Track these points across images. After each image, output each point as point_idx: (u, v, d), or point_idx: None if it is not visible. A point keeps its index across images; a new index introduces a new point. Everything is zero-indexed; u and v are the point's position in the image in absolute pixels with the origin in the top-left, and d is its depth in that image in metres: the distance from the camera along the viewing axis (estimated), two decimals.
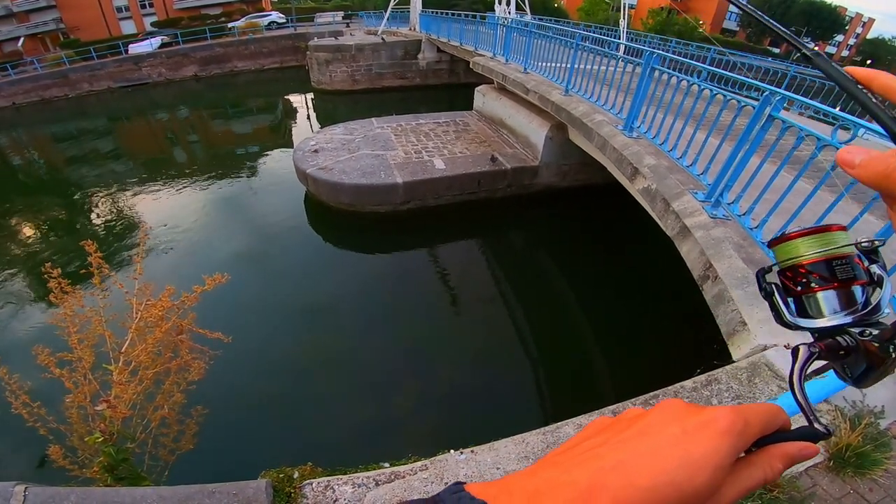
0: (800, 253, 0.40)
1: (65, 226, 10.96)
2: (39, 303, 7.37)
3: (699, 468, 0.28)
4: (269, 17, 29.55)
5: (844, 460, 2.14)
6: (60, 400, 2.84)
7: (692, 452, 0.29)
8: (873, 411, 2.30)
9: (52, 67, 22.09)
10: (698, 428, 0.30)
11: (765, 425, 0.33)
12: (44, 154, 17.11)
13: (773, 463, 0.33)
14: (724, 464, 0.29)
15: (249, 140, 16.91)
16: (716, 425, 0.31)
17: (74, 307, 2.68)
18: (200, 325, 3.15)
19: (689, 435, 0.30)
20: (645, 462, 0.29)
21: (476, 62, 12.35)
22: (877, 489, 2.11)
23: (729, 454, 0.30)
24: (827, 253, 0.39)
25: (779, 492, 1.93)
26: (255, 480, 2.18)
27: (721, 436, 0.30)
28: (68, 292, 2.61)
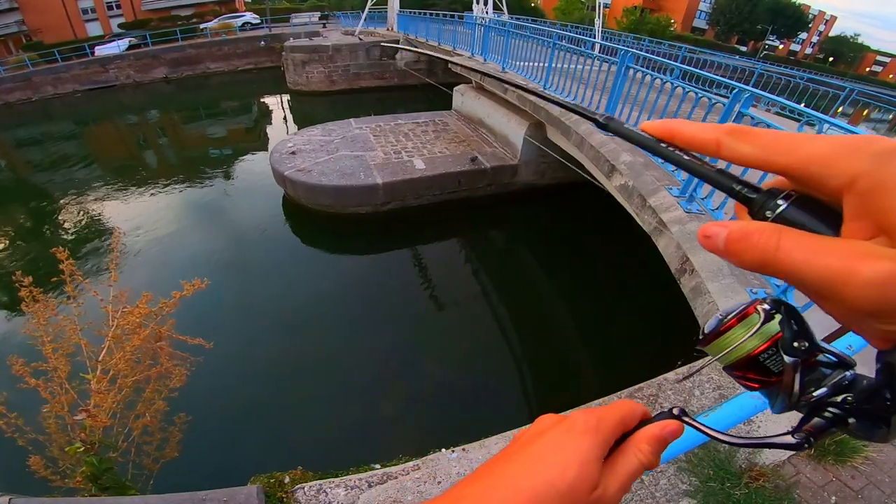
0: (739, 341, 0.34)
1: (33, 233, 10.55)
2: (12, 312, 7.09)
3: (567, 465, 0.32)
4: (243, 18, 28.99)
5: (825, 448, 2.19)
6: (38, 410, 2.77)
7: (559, 454, 0.33)
8: None
9: (15, 70, 21.22)
10: (562, 433, 0.35)
11: (621, 419, 0.37)
12: (8, 159, 16.43)
13: (639, 446, 0.36)
14: (589, 458, 0.33)
15: (224, 143, 16.57)
16: (573, 427, 0.35)
17: (48, 316, 2.60)
18: (180, 331, 3.08)
19: (556, 440, 0.34)
20: (525, 469, 0.32)
21: (454, 62, 12.38)
22: (858, 476, 2.16)
23: (590, 449, 0.33)
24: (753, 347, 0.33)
25: (764, 480, 1.98)
26: (246, 486, 2.15)
27: (580, 435, 0.34)
28: (40, 301, 2.53)
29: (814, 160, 0.24)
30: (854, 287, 0.21)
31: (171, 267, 7.97)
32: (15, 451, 2.72)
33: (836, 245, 0.23)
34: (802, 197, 0.26)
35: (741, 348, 0.33)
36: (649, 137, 0.31)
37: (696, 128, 0.29)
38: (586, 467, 0.32)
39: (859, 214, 0.23)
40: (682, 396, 2.57)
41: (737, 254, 0.25)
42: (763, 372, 0.34)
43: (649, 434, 0.36)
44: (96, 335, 2.83)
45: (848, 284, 0.21)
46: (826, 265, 0.22)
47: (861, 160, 0.22)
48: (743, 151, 0.26)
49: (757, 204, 0.27)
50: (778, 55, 51.81)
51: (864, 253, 0.22)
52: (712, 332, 0.34)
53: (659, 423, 0.37)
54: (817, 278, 0.22)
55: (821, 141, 0.24)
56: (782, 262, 0.24)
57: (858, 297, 0.21)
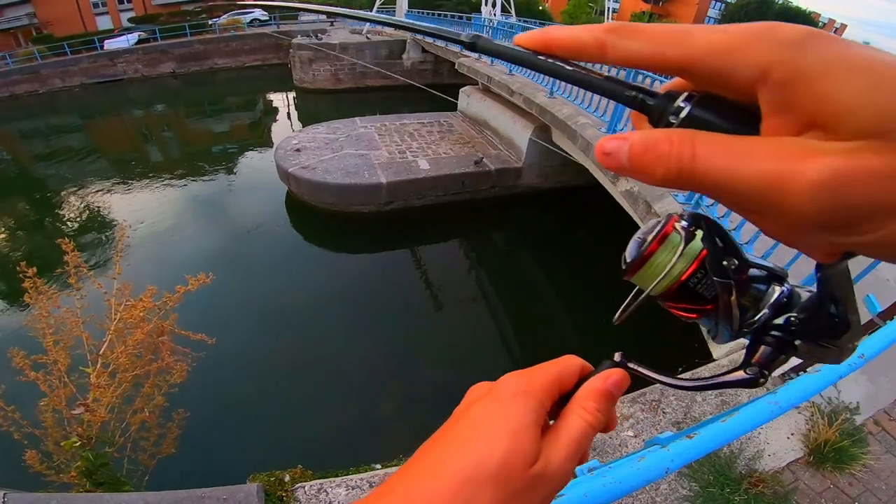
0: (665, 267, 0.30)
1: (37, 225, 10.60)
2: (13, 304, 7.11)
3: (495, 439, 0.27)
4: (252, 14, 29.05)
5: (823, 455, 2.20)
6: (35, 404, 2.75)
7: (486, 426, 0.28)
8: (848, 407, 2.37)
9: (23, 63, 21.30)
10: (488, 402, 0.30)
11: (555, 377, 0.32)
12: (12, 150, 16.49)
13: (583, 404, 0.31)
14: (520, 426, 0.28)
15: (229, 139, 16.61)
16: (500, 393, 0.30)
17: (49, 308, 2.60)
18: (181, 326, 3.07)
19: (482, 411, 0.30)
20: (450, 451, 0.28)
21: (462, 63, 12.39)
22: (856, 483, 2.17)
23: (521, 415, 0.29)
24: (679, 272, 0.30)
25: (763, 486, 1.97)
26: (246, 484, 2.14)
27: (508, 401, 0.30)
28: (43, 292, 2.52)
29: (714, 51, 0.20)
30: (799, 193, 0.17)
31: (172, 261, 7.98)
32: (8, 445, 2.71)
33: (767, 145, 0.19)
34: (707, 96, 0.22)
35: (669, 275, 0.29)
36: (525, 51, 0.26)
37: (573, 31, 0.24)
38: (518, 437, 0.27)
39: (780, 109, 0.19)
40: (684, 403, 2.55)
41: (645, 169, 0.21)
42: (696, 299, 0.30)
43: (591, 389, 0.31)
44: (98, 328, 2.82)
45: (790, 191, 0.18)
46: (759, 170, 0.18)
47: (771, 48, 0.19)
48: (631, 49, 0.22)
49: (657, 110, 0.23)
50: None
51: (804, 151, 0.18)
52: (635, 259, 0.31)
53: (600, 375, 0.32)
54: (749, 187, 0.19)
55: (718, 30, 0.20)
56: (702, 171, 0.20)
57: (805, 205, 0.18)
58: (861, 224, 0.18)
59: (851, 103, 0.17)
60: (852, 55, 0.18)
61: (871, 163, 0.17)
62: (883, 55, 0.18)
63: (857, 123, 0.17)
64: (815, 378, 1.19)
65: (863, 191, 0.17)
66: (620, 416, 2.42)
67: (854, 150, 0.17)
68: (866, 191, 0.17)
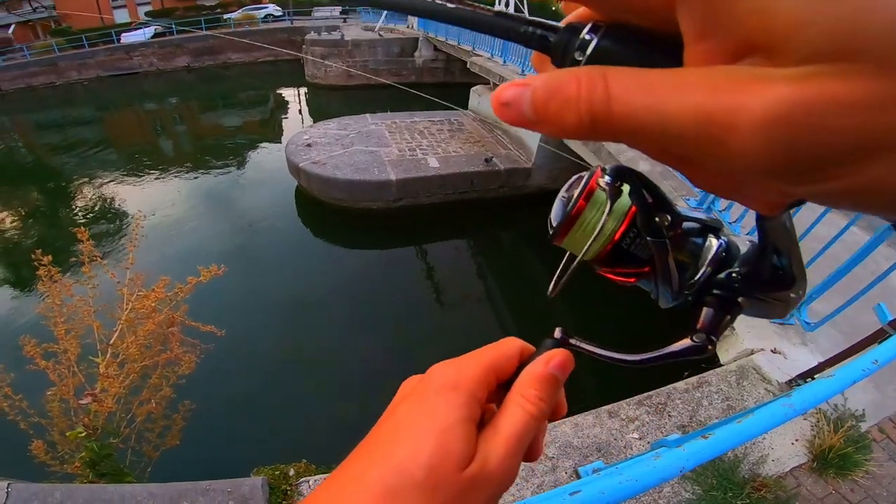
0: (594, 228, 0.28)
1: (50, 214, 10.76)
2: (26, 292, 7.23)
3: (419, 441, 0.24)
4: (266, 10, 29.22)
5: (827, 461, 2.20)
6: (41, 393, 2.76)
7: (411, 427, 0.25)
8: (854, 414, 2.37)
9: (41, 55, 21.63)
10: (415, 398, 0.27)
11: (489, 365, 0.29)
12: (29, 141, 16.76)
13: (524, 392, 0.27)
14: (447, 424, 0.25)
15: (240, 133, 16.74)
16: (427, 388, 0.27)
17: (63, 296, 2.63)
18: (189, 318, 3.09)
19: (408, 410, 0.27)
20: (374, 456, 0.25)
21: (474, 62, 12.37)
22: (857, 490, 2.17)
23: (447, 412, 0.25)
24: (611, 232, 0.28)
25: (766, 491, 1.97)
26: (251, 478, 2.15)
27: (435, 396, 0.26)
28: (57, 280, 2.56)
29: None
30: (744, 131, 0.13)
31: (182, 253, 8.07)
32: (12, 435, 2.74)
33: (698, 76, 0.14)
34: (616, 25, 0.18)
35: (601, 235, 0.27)
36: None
37: None
38: (445, 437, 0.24)
39: (706, 30, 0.15)
40: (690, 407, 2.53)
41: (551, 118, 0.17)
42: (631, 261, 0.28)
43: (531, 375, 0.28)
44: (109, 318, 2.85)
45: (733, 129, 0.13)
46: (691, 106, 0.14)
47: None
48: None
49: (559, 47, 0.19)
50: None
51: (746, 79, 0.13)
52: (562, 221, 0.28)
53: (541, 359, 0.28)
54: (680, 129, 0.14)
55: None
56: (620, 114, 0.15)
57: (753, 147, 0.13)
58: (825, 169, 0.13)
59: (801, 17, 0.12)
60: None
61: (834, 91, 0.12)
62: None
63: (809, 43, 0.13)
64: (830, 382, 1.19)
65: (826, 126, 0.13)
66: (626, 417, 2.41)
67: (810, 75, 0.13)
68: (831, 126, 0.12)
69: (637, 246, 0.27)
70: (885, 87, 0.12)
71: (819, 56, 0.12)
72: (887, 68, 0.12)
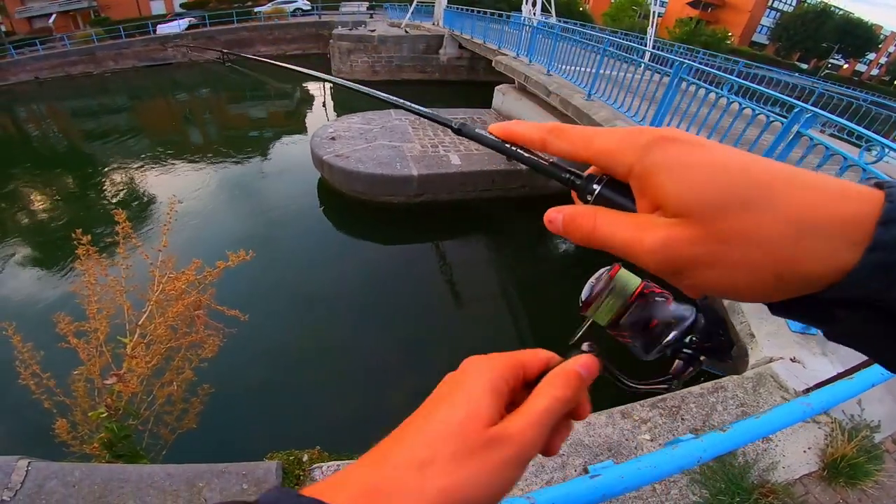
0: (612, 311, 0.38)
1: (84, 198, 11.15)
2: (56, 272, 7.52)
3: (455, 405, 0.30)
4: (295, 4, 29.65)
5: (838, 470, 2.20)
6: (66, 373, 2.77)
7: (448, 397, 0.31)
8: (869, 425, 2.38)
9: (81, 44, 22.39)
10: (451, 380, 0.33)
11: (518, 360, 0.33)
12: (65, 128, 17.37)
13: (551, 381, 0.31)
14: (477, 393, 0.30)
15: (266, 124, 17.04)
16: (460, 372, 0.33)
17: (97, 276, 2.73)
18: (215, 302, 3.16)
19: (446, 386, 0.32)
20: (417, 422, 0.30)
21: (499, 61, 12.32)
22: (865, 499, 2.17)
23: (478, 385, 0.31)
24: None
25: (774, 498, 1.96)
26: (265, 461, 2.20)
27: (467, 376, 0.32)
28: (94, 259, 2.66)
29: (603, 153, 0.28)
30: (642, 253, 0.26)
31: (207, 239, 8.27)
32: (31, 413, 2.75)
33: (631, 220, 0.27)
34: (611, 180, 0.30)
35: (610, 310, 0.37)
36: (496, 139, 0.35)
37: (526, 128, 0.33)
38: (475, 402, 0.29)
39: (640, 194, 0.27)
40: (705, 411, 2.51)
41: (569, 234, 0.30)
42: (629, 329, 0.37)
43: (559, 370, 0.33)
44: (139, 299, 2.92)
45: (637, 251, 0.26)
46: (624, 237, 0.27)
47: (633, 151, 0.27)
48: (560, 147, 0.31)
49: (581, 189, 0.32)
50: (841, 75, 49.10)
51: (646, 224, 0.26)
52: (587, 299, 0.38)
53: (571, 360, 0.34)
54: (620, 248, 0.27)
55: (607, 135, 0.28)
56: (598, 237, 0.28)
57: (647, 262, 0.26)
58: (682, 273, 0.25)
59: (670, 193, 0.25)
60: (681, 156, 0.25)
61: (681, 233, 0.24)
62: (713, 155, 0.25)
63: (675, 206, 0.25)
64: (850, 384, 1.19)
65: (677, 253, 0.25)
66: (638, 419, 2.40)
67: (673, 224, 0.25)
68: (679, 252, 0.25)
69: (633, 317, 0.37)
70: (699, 233, 0.24)
71: (678, 214, 0.25)
72: (700, 223, 0.24)
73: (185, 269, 2.71)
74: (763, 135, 3.86)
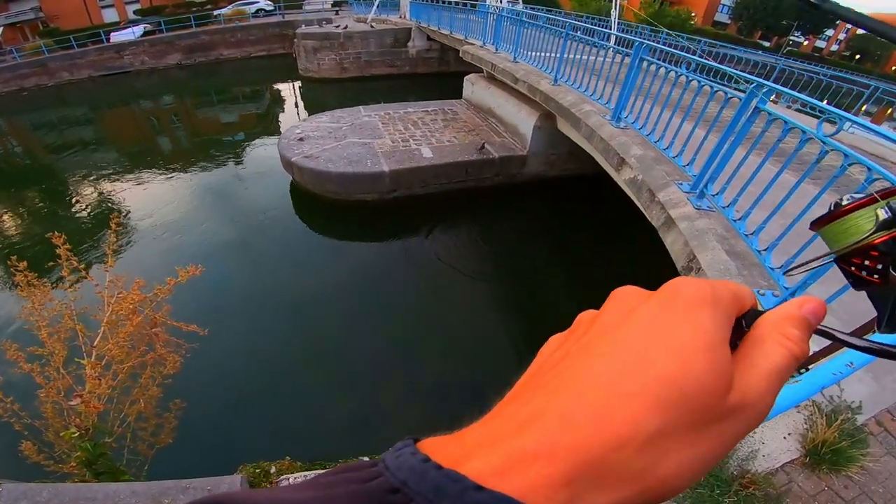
0: (863, 231, 0.31)
1: (40, 216, 10.70)
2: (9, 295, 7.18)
3: (690, 352, 0.21)
4: (257, 5, 28.86)
5: (820, 457, 2.11)
6: (35, 395, 2.77)
7: (673, 337, 0.22)
8: (850, 407, 2.29)
9: (31, 57, 21.44)
10: (662, 310, 0.23)
11: (735, 294, 0.26)
12: (22, 142, 16.66)
13: (783, 330, 0.24)
14: (715, 340, 0.22)
15: (235, 128, 16.62)
16: (676, 299, 0.24)
17: (43, 301, 2.59)
18: (184, 316, 3.08)
19: (657, 320, 0.23)
20: (623, 366, 0.21)
21: (466, 51, 12.21)
22: (852, 486, 2.08)
23: (714, 328, 0.22)
24: None
25: (755, 488, 1.92)
26: (230, 476, 2.14)
27: (694, 309, 0.23)
28: (36, 285, 2.52)
29: None
30: None
31: (177, 251, 8.03)
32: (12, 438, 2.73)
33: None
34: None
35: (860, 232, 0.31)
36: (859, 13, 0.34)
37: None
38: (715, 355, 0.21)
39: None
40: None
41: None
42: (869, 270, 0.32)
43: (787, 314, 0.25)
44: (93, 320, 2.82)
45: None
46: None
47: None
48: None
49: None
50: (802, 51, 50.31)
51: None
52: (830, 212, 0.32)
53: (794, 302, 0.26)
54: None
55: None
56: None
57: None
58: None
59: None
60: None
61: None
62: None
63: None
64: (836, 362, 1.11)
65: None
66: None
67: None
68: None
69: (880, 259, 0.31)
70: None
71: None
72: None
73: (130, 289, 2.59)
74: (724, 111, 3.88)
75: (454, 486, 0.18)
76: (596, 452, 0.19)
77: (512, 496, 0.18)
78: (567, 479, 0.19)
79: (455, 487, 0.18)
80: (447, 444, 0.22)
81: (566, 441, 0.19)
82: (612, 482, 0.19)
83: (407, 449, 0.22)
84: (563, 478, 0.19)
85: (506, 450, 0.20)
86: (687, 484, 0.21)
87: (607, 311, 0.26)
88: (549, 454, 0.19)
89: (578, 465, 0.19)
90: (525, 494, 0.18)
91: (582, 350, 0.24)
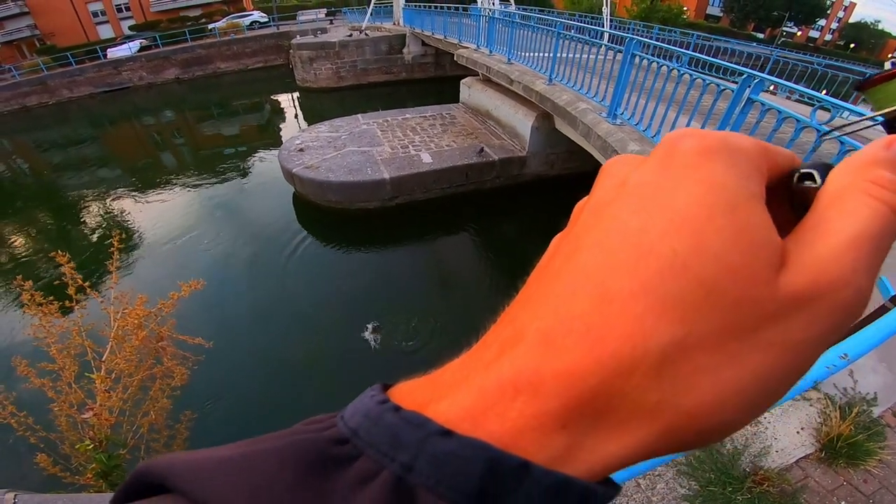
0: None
1: (43, 233, 10.79)
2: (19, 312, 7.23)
3: (703, 220, 0.15)
4: (251, 17, 29.11)
5: (836, 451, 2.04)
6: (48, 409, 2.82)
7: (676, 204, 0.16)
8: (865, 399, 2.21)
9: (30, 74, 21.65)
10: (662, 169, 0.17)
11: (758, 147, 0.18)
12: (27, 161, 16.81)
13: (870, 176, 0.17)
14: (737, 198, 0.15)
15: (235, 141, 16.72)
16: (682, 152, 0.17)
17: (51, 318, 2.63)
18: (190, 329, 3.13)
19: (656, 185, 0.17)
20: (616, 251, 0.16)
21: (460, 54, 12.26)
22: (871, 480, 2.01)
23: (734, 182, 0.16)
24: None
25: (769, 485, 1.86)
26: None
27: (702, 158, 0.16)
28: (42, 304, 2.56)
29: None
30: None
31: (184, 265, 8.08)
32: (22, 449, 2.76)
33: None
34: None
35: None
36: None
37: None
38: (737, 217, 0.15)
39: None
40: None
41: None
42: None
43: (874, 156, 0.17)
44: (100, 335, 2.86)
45: None
46: None
47: None
48: None
49: None
50: (796, 42, 50.29)
51: None
52: (880, 73, 0.29)
53: (875, 144, 0.18)
54: None
55: None
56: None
57: None
58: None
59: None
60: None
61: None
62: None
63: None
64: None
65: None
66: None
67: None
68: None
69: None
70: None
71: None
72: None
73: (135, 305, 2.63)
74: (718, 102, 3.90)
75: (414, 434, 0.15)
76: (591, 381, 0.14)
77: (490, 442, 0.14)
78: (561, 420, 0.14)
79: (415, 435, 0.15)
80: (418, 387, 0.18)
81: (551, 368, 0.15)
82: (620, 422, 0.14)
83: (368, 392, 0.18)
84: (556, 419, 0.14)
85: (479, 384, 0.16)
86: (740, 417, 0.15)
87: (597, 188, 0.21)
88: (532, 387, 0.15)
89: (572, 399, 0.14)
90: (507, 440, 0.14)
91: (572, 246, 0.18)
